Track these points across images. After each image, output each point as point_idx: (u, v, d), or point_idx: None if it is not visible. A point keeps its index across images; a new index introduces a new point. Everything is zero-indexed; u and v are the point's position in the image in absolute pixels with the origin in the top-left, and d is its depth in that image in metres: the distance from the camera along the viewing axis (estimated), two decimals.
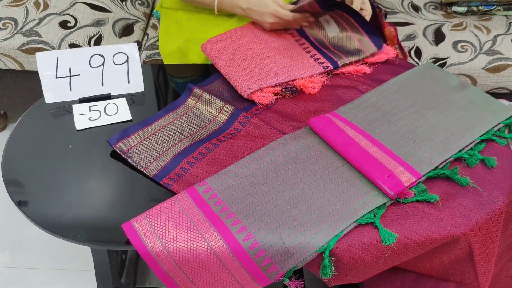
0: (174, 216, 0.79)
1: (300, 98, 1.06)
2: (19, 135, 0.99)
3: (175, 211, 0.80)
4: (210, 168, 0.89)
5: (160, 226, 0.78)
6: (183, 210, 0.80)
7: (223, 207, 0.81)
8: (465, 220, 0.80)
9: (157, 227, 0.78)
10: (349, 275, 0.78)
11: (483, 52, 1.47)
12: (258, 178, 0.86)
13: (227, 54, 1.13)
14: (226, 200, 0.82)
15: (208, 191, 0.83)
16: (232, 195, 0.83)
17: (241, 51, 1.14)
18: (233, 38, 1.18)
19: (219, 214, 0.80)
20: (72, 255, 1.50)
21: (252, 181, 0.85)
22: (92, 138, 0.98)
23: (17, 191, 0.88)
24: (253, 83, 1.05)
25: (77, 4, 1.54)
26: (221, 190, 0.83)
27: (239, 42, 1.17)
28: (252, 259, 0.75)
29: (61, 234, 0.81)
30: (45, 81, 1.04)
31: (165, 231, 0.77)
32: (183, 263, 0.75)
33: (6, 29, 1.46)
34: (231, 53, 1.13)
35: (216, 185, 0.84)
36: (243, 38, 1.18)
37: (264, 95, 1.04)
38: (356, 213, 0.80)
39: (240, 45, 1.16)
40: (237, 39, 1.18)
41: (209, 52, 1.15)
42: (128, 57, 1.09)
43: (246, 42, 1.17)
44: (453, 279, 0.87)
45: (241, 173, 0.86)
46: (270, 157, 0.89)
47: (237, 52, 1.14)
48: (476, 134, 0.95)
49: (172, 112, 1.02)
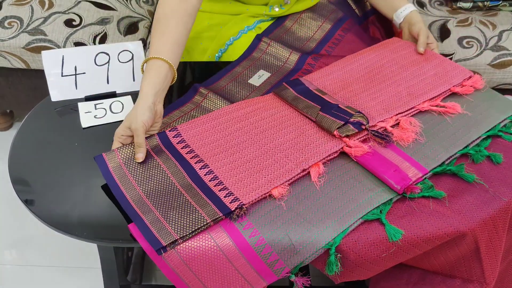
0: None
1: None
2: (26, 133, 1.00)
3: None
4: None
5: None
6: None
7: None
8: (471, 216, 0.80)
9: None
10: (355, 272, 0.78)
11: (489, 48, 1.46)
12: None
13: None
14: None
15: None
16: None
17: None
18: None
19: None
20: (78, 252, 1.51)
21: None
22: (98, 135, 0.98)
23: (24, 189, 0.88)
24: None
25: (81, 2, 1.54)
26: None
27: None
28: (259, 255, 0.75)
29: (68, 232, 0.81)
30: (51, 80, 1.05)
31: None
32: (189, 260, 0.75)
33: (11, 28, 1.46)
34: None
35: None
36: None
37: None
38: (362, 209, 0.80)
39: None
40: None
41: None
42: (133, 55, 1.09)
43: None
44: (459, 275, 0.86)
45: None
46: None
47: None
48: (482, 130, 0.94)
49: (177, 109, 1.02)
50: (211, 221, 0.76)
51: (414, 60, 1.11)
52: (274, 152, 0.88)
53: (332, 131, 0.89)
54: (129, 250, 1.39)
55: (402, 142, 0.90)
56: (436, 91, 1.02)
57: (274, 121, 0.95)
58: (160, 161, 0.87)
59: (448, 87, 1.03)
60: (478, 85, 1.05)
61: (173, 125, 0.98)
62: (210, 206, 0.78)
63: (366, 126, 0.91)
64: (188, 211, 0.78)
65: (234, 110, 0.97)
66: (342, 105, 0.95)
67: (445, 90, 1.02)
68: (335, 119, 0.90)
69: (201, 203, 0.79)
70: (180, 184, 0.83)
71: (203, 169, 0.85)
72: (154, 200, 0.80)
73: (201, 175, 0.84)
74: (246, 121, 0.94)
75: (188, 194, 0.81)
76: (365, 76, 1.06)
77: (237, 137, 0.91)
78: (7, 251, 1.52)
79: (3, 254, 1.51)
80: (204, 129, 0.93)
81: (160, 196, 0.81)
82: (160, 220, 0.77)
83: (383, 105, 0.98)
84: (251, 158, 0.87)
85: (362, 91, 1.02)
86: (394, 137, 0.91)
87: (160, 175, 0.85)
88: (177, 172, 0.85)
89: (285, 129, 0.93)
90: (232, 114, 0.96)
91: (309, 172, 0.85)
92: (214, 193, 0.81)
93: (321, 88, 1.03)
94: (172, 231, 0.75)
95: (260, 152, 0.88)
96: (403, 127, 0.93)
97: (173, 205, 0.79)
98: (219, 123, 0.94)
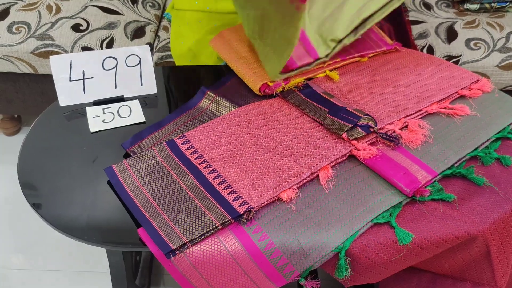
0: None
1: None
2: (34, 138, 1.00)
3: None
4: None
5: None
6: None
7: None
8: (482, 219, 0.79)
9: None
10: (365, 275, 0.78)
11: (497, 50, 1.45)
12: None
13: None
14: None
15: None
16: None
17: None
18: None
19: None
20: (85, 256, 1.51)
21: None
22: (106, 140, 0.99)
23: (33, 193, 0.88)
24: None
25: (89, 7, 1.55)
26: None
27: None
28: (268, 259, 0.75)
29: (77, 236, 0.81)
30: (59, 84, 1.05)
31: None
32: (198, 263, 0.75)
33: (19, 33, 1.47)
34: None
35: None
36: None
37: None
38: (372, 213, 0.79)
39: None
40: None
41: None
42: (140, 59, 1.09)
43: None
44: (470, 279, 0.86)
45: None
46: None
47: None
48: (491, 132, 0.94)
49: (185, 113, 1.02)
50: (220, 224, 0.76)
51: (421, 64, 1.11)
52: (283, 156, 0.88)
53: (341, 134, 0.89)
54: (137, 254, 1.39)
55: (411, 145, 0.90)
56: (444, 93, 1.01)
57: (282, 124, 0.95)
58: (169, 168, 0.87)
59: (455, 90, 1.02)
60: (486, 88, 1.04)
61: (181, 129, 0.98)
62: (218, 209, 0.78)
63: (374, 128, 0.90)
64: (196, 215, 0.78)
65: (241, 114, 0.97)
66: (350, 107, 0.95)
67: (453, 93, 1.02)
68: (343, 122, 0.90)
69: (210, 207, 0.79)
70: (188, 188, 0.83)
71: (211, 173, 0.85)
72: (162, 204, 0.80)
73: (210, 179, 0.84)
74: (253, 124, 0.94)
75: (196, 197, 0.81)
76: (372, 78, 1.06)
77: (245, 141, 0.91)
78: (14, 255, 1.53)
79: (12, 258, 1.52)
80: (212, 134, 0.93)
81: (169, 200, 0.81)
82: (169, 224, 0.77)
83: (391, 107, 0.97)
84: (259, 162, 0.87)
85: (370, 94, 1.01)
86: (403, 140, 0.90)
87: (168, 179, 0.85)
88: (185, 176, 0.85)
89: (293, 133, 0.92)
90: (239, 118, 0.96)
91: (317, 175, 0.85)
92: (222, 196, 0.81)
93: (328, 91, 1.03)
94: (181, 235, 0.75)
95: (268, 155, 0.88)
96: (412, 129, 0.93)
97: (181, 209, 0.79)
98: (227, 127, 0.94)
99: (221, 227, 0.76)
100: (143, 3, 1.63)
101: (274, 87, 1.02)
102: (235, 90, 1.09)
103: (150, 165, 0.88)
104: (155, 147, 0.91)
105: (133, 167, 0.87)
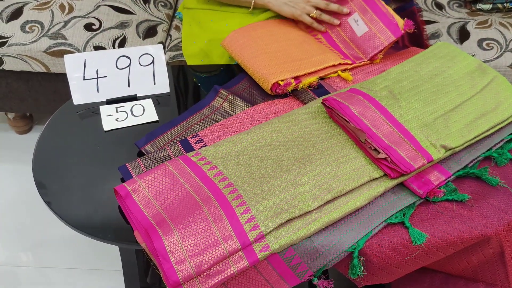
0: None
1: None
2: (49, 136, 1.01)
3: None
4: None
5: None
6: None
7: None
8: (496, 219, 0.79)
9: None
10: (379, 275, 0.78)
11: (509, 50, 1.44)
12: None
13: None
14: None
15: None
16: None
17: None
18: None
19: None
20: (95, 254, 1.52)
21: None
22: (120, 138, 0.99)
23: (47, 192, 0.89)
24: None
25: (101, 6, 1.56)
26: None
27: (260, 36, 1.16)
28: (282, 258, 0.75)
29: (92, 234, 0.82)
30: (73, 83, 1.06)
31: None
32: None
33: (32, 32, 1.48)
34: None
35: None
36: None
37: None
38: (385, 213, 0.79)
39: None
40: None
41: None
42: (153, 58, 1.09)
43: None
44: (483, 279, 0.86)
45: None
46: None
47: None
48: (505, 133, 0.93)
49: (198, 112, 1.02)
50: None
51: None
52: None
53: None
54: None
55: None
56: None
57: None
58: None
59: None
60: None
61: (195, 128, 0.98)
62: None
63: None
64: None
65: (254, 113, 0.97)
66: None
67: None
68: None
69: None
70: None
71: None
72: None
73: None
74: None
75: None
76: None
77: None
78: (25, 253, 1.54)
79: (24, 256, 1.53)
80: (226, 133, 0.93)
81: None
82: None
83: None
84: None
85: None
86: None
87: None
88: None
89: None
90: (252, 117, 0.96)
91: None
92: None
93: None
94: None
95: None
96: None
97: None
98: (240, 127, 0.94)
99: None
100: (155, 2, 1.64)
101: (285, 86, 1.02)
102: (248, 89, 1.09)
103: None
104: (169, 146, 0.92)
105: (147, 166, 0.88)
